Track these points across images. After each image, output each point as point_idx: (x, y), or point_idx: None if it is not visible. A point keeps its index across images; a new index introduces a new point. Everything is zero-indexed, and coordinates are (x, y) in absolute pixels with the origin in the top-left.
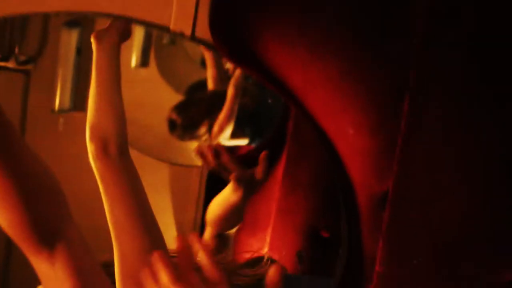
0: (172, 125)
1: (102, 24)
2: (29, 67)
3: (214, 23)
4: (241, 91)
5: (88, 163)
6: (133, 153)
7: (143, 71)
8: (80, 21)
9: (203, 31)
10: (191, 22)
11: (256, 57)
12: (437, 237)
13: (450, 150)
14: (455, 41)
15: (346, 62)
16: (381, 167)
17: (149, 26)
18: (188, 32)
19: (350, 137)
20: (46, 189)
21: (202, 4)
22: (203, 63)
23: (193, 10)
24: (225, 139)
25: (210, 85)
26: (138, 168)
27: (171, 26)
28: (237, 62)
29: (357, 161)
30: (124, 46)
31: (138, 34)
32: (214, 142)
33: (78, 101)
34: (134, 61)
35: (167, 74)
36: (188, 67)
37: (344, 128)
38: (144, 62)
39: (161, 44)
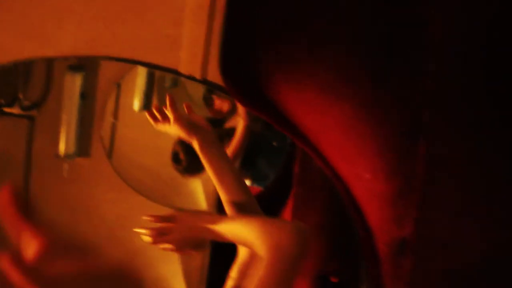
0: (175, 158)
1: (106, 67)
2: (33, 112)
3: (225, 66)
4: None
5: (92, 206)
6: (138, 199)
7: (146, 114)
8: (84, 65)
9: (214, 73)
10: (200, 64)
11: (268, 99)
12: (459, 282)
13: (469, 193)
14: (468, 82)
15: (360, 105)
16: (399, 213)
17: (159, 69)
18: (198, 75)
19: (366, 181)
20: None
21: (212, 47)
22: (205, 104)
23: (202, 52)
24: None
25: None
26: (142, 213)
27: (181, 69)
28: (248, 105)
29: (374, 206)
30: (127, 89)
31: (141, 77)
32: None
33: (83, 146)
34: (136, 104)
35: None
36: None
37: (360, 173)
38: (146, 105)
39: (163, 86)
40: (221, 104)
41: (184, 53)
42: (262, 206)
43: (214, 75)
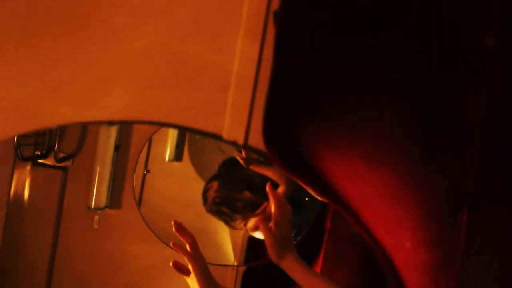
0: (205, 199)
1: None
2: (67, 163)
3: (268, 132)
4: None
5: (121, 258)
6: (168, 251)
7: (177, 165)
8: None
9: (256, 139)
10: (244, 130)
11: (309, 166)
12: None
13: (507, 267)
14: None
15: (403, 173)
16: (440, 284)
17: (202, 134)
18: (241, 140)
19: (407, 250)
20: None
21: (256, 112)
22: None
23: (246, 119)
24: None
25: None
26: (172, 267)
27: (224, 135)
28: (291, 171)
29: (414, 277)
30: (159, 140)
31: (173, 129)
32: (249, 232)
33: (114, 198)
34: (168, 155)
35: (200, 167)
36: (220, 159)
37: (401, 242)
38: (178, 156)
39: (194, 138)
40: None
41: (228, 119)
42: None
43: (256, 141)
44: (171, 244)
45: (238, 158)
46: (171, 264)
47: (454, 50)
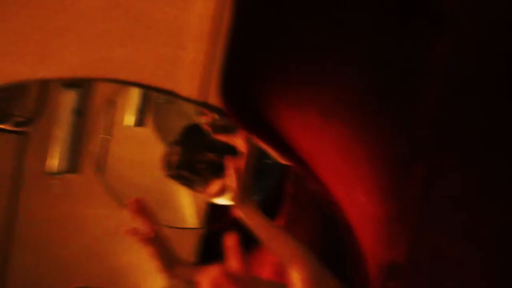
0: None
1: (101, 85)
2: (26, 128)
3: (224, 89)
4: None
5: (81, 223)
6: (126, 216)
7: (140, 130)
8: (78, 83)
9: (213, 96)
10: (201, 87)
11: (267, 121)
12: None
13: (465, 219)
14: (469, 108)
15: (359, 128)
16: (393, 236)
17: (159, 91)
18: (197, 97)
19: (361, 204)
20: None
21: (213, 69)
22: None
23: (203, 76)
24: (223, 198)
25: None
26: None
27: (181, 92)
28: (247, 127)
29: (368, 229)
30: (121, 106)
31: (135, 94)
32: (210, 199)
33: (74, 163)
34: (130, 120)
35: (163, 132)
36: (184, 125)
37: (356, 196)
38: (140, 121)
39: (157, 102)
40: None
41: (184, 76)
42: None
43: (214, 98)
44: (124, 231)
45: (203, 124)
46: (124, 231)
47: (411, 4)
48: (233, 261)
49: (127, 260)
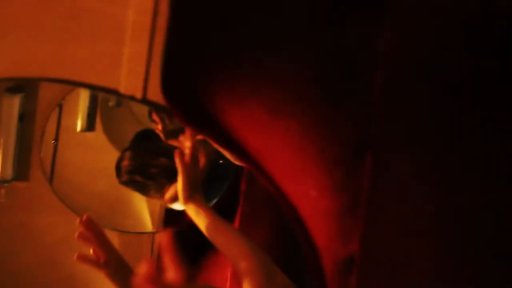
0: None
1: (46, 88)
2: None
3: (166, 85)
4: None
5: (31, 231)
6: None
7: (90, 135)
8: (23, 87)
9: (156, 93)
10: (142, 84)
11: (211, 118)
12: None
13: (417, 209)
14: (417, 96)
15: (307, 122)
16: (345, 230)
17: (98, 89)
18: (139, 95)
19: (312, 199)
20: None
21: (154, 65)
22: (151, 121)
23: (143, 72)
24: (178, 203)
25: None
26: None
27: (121, 89)
28: (191, 124)
29: (320, 224)
30: (70, 110)
31: (84, 97)
32: (166, 205)
33: (21, 170)
34: (80, 125)
35: (114, 137)
36: (135, 129)
37: (306, 190)
38: (90, 126)
39: (107, 106)
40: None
41: (125, 73)
42: None
43: (156, 95)
44: (75, 257)
45: (156, 130)
46: (75, 257)
47: None
48: (167, 261)
49: (80, 268)
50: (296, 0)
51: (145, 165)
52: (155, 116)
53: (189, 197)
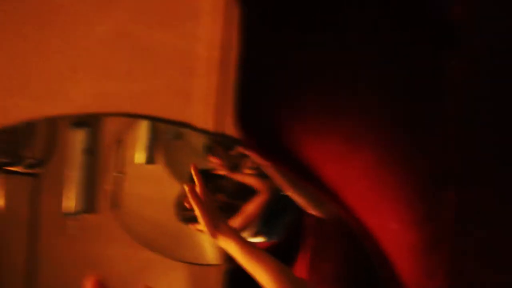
0: (180, 207)
1: (110, 122)
2: (38, 170)
3: (240, 117)
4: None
5: (100, 263)
6: (146, 254)
7: (150, 168)
8: (87, 121)
9: (228, 125)
10: (214, 117)
11: (286, 149)
12: None
13: (506, 242)
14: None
15: (383, 153)
16: (431, 264)
17: (172, 124)
18: (212, 128)
19: (394, 232)
20: None
21: (226, 98)
22: (208, 155)
23: (216, 105)
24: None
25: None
26: (154, 269)
27: (194, 123)
28: (266, 156)
29: (404, 258)
30: (130, 143)
31: (143, 131)
32: None
33: (89, 203)
34: (140, 157)
35: (174, 169)
36: (194, 161)
37: (386, 222)
38: (150, 158)
39: (166, 139)
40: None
41: (197, 106)
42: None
43: (228, 128)
44: None
45: (213, 162)
46: None
47: (423, 22)
48: None
49: None
50: (367, 31)
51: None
52: (212, 158)
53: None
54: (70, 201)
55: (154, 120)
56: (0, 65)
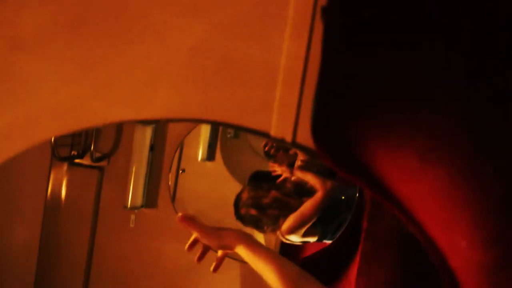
0: (236, 207)
1: (174, 122)
2: (103, 163)
3: (317, 129)
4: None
5: (155, 259)
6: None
7: (210, 165)
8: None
9: (305, 137)
10: (292, 128)
11: (361, 164)
12: None
13: None
14: None
15: (458, 171)
16: (497, 283)
17: (250, 132)
18: (289, 138)
19: (462, 250)
20: None
21: (304, 110)
22: (266, 155)
23: (294, 116)
24: (295, 235)
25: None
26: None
27: (272, 132)
28: (341, 169)
29: (471, 276)
30: (192, 141)
31: (205, 129)
32: (284, 236)
33: (150, 198)
34: (200, 155)
35: (232, 167)
36: (252, 160)
37: (456, 240)
38: (210, 156)
39: (225, 137)
40: (283, 157)
41: (276, 117)
42: (329, 262)
43: (305, 139)
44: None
45: (273, 167)
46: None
47: (505, 44)
48: None
49: None
50: (450, 50)
51: (259, 197)
52: (272, 164)
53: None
54: (132, 194)
55: (234, 127)
56: (87, 66)
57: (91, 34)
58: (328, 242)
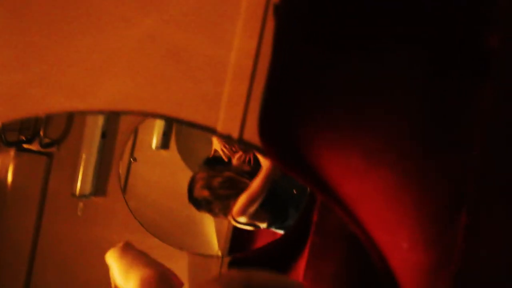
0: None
1: None
2: (52, 149)
3: (263, 127)
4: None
5: (104, 247)
6: (153, 242)
7: (164, 153)
8: None
9: (252, 134)
10: (239, 124)
11: (306, 162)
12: None
13: (507, 268)
14: None
15: (403, 173)
16: (436, 285)
17: (196, 127)
18: (235, 135)
19: (403, 251)
20: None
21: (252, 107)
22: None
23: (241, 113)
24: (245, 217)
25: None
26: (157, 256)
27: (219, 128)
28: (286, 167)
29: (410, 277)
30: (145, 127)
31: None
32: (234, 218)
33: (99, 186)
34: (154, 143)
35: (187, 156)
36: (208, 148)
37: (397, 242)
38: (165, 144)
39: (181, 125)
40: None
41: (223, 112)
42: (278, 254)
43: (251, 136)
44: None
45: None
46: None
47: (456, 49)
48: None
49: None
50: (399, 51)
51: (212, 177)
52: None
53: None
54: (81, 182)
55: (179, 122)
56: (30, 55)
57: (34, 20)
58: (279, 233)
